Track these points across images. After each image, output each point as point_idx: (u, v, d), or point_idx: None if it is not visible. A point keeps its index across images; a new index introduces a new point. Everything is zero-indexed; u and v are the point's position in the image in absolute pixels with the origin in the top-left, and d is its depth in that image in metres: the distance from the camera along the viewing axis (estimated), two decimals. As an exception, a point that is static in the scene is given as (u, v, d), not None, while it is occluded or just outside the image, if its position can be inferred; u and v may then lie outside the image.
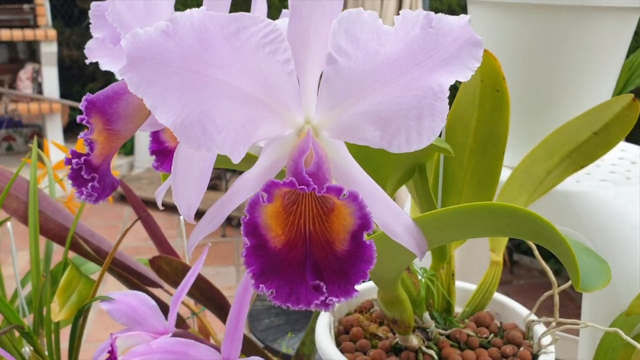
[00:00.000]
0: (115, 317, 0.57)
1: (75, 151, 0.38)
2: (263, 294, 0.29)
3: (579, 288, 0.32)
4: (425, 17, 0.30)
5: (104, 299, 0.58)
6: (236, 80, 0.30)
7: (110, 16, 0.32)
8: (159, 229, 0.83)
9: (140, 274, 0.74)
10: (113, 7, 0.32)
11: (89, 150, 0.36)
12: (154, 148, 0.45)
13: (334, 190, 0.29)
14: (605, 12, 0.68)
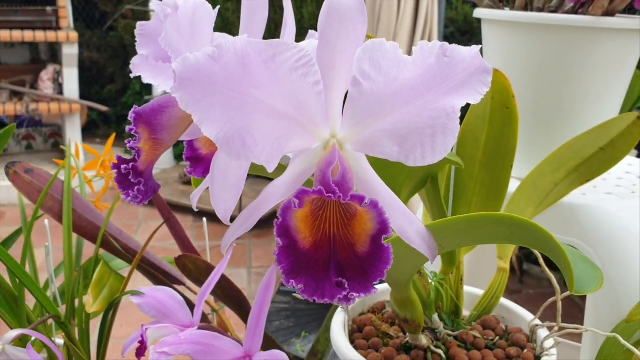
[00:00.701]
0: (144, 310, 0.61)
1: (121, 157, 0.42)
2: (293, 288, 0.33)
3: (573, 291, 0.36)
4: (440, 47, 0.34)
5: (135, 293, 0.62)
6: (272, 99, 0.34)
7: (162, 41, 0.36)
8: (182, 230, 0.87)
9: (164, 272, 0.79)
10: (165, 32, 0.36)
11: (136, 157, 0.40)
12: (188, 155, 0.50)
13: (357, 199, 0.33)
14: (613, 33, 0.71)
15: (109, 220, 0.75)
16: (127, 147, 0.42)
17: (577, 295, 1.20)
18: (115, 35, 4.02)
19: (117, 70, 4.15)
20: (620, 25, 0.71)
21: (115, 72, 4.17)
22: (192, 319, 0.61)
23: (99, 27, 4.17)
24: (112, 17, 4.00)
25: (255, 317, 0.57)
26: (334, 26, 0.38)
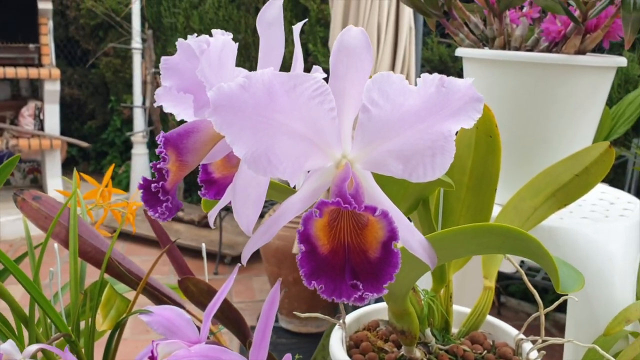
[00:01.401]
0: (153, 327, 0.64)
1: (147, 178, 0.46)
2: (314, 288, 0.38)
3: (559, 290, 0.40)
4: (439, 79, 0.39)
5: (144, 312, 0.65)
6: (293, 123, 0.39)
7: (198, 72, 0.40)
8: (180, 255, 0.90)
9: (166, 295, 0.82)
10: (201, 65, 0.41)
11: (165, 177, 0.44)
12: (202, 178, 0.54)
13: (370, 209, 0.38)
14: (585, 70, 0.78)
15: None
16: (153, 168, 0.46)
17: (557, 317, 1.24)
18: (97, 73, 4.06)
19: (97, 107, 4.19)
20: (591, 63, 0.78)
21: (95, 109, 4.20)
22: (198, 335, 0.65)
23: (80, 65, 4.21)
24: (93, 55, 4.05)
25: (260, 332, 0.61)
26: (344, 61, 0.43)
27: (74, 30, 4.07)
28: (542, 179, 0.75)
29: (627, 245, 0.82)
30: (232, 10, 3.45)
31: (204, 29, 3.53)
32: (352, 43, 0.43)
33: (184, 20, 3.58)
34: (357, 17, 2.31)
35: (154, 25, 3.76)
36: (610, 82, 0.84)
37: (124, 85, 3.95)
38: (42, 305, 0.64)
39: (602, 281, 0.77)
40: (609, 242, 0.79)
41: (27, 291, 0.64)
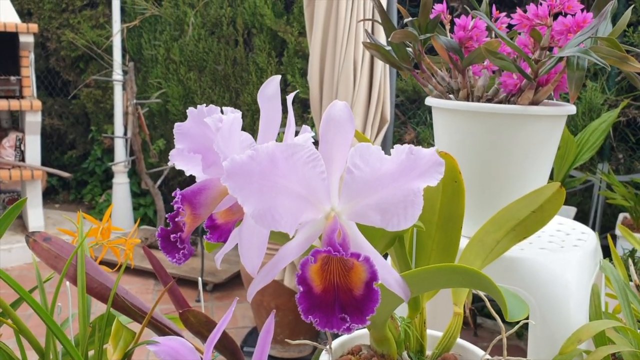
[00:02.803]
0: (160, 356, 0.72)
1: (164, 229, 0.55)
2: (310, 322, 0.46)
3: (507, 318, 0.49)
4: (409, 148, 0.49)
5: (151, 343, 0.72)
6: (291, 185, 0.48)
7: (216, 147, 0.49)
8: (178, 289, 0.97)
9: (166, 325, 0.89)
10: (217, 141, 0.49)
11: (182, 228, 0.52)
12: (207, 224, 0.62)
13: (355, 255, 0.47)
14: (538, 118, 0.89)
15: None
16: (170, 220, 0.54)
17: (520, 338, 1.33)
18: (78, 103, 4.12)
19: (78, 137, 4.23)
20: (543, 112, 0.88)
21: (76, 139, 4.24)
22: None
23: (60, 95, 4.26)
24: (74, 85, 4.10)
25: (258, 354, 0.68)
26: (331, 130, 0.52)
27: (54, 62, 4.12)
28: (503, 215, 0.84)
29: (581, 273, 0.92)
30: (212, 43, 3.55)
31: (185, 61, 3.63)
32: (337, 115, 0.52)
33: (165, 52, 3.67)
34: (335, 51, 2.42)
35: (135, 56, 3.84)
36: (562, 128, 0.94)
37: (105, 116, 4.01)
38: (60, 337, 0.71)
39: (558, 306, 0.86)
40: (564, 270, 0.89)
41: (47, 324, 0.71)
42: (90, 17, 3.93)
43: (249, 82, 3.48)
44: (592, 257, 0.97)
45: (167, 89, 3.67)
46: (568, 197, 3.02)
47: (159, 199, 3.38)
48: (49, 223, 3.80)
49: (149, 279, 3.30)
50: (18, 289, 0.77)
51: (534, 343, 0.89)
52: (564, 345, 0.79)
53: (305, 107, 3.39)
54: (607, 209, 2.93)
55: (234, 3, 3.51)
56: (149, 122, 3.78)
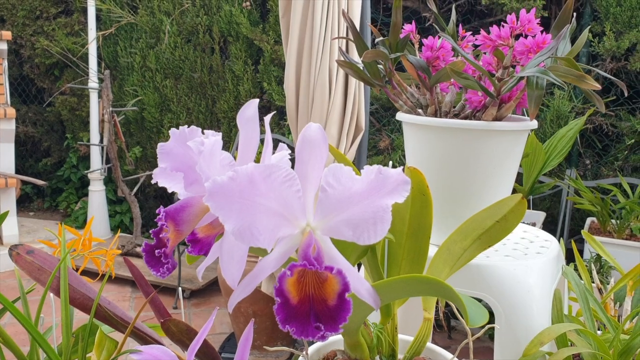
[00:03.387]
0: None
1: (148, 244, 0.58)
2: (287, 331, 0.50)
3: (468, 324, 0.54)
4: (378, 169, 0.53)
5: (134, 352, 0.75)
6: (269, 203, 0.52)
7: (198, 169, 0.53)
8: (159, 299, 1.00)
9: (147, 334, 0.92)
10: (199, 164, 0.53)
11: (166, 243, 0.56)
12: (189, 238, 0.65)
13: (329, 268, 0.50)
14: (503, 133, 0.94)
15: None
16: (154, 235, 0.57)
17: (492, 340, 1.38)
18: (52, 111, 4.09)
19: (53, 144, 4.20)
20: (505, 128, 0.93)
21: (51, 146, 4.21)
22: (183, 370, 0.75)
23: (34, 103, 4.23)
24: (48, 93, 4.08)
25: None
26: (306, 150, 0.56)
27: (28, 69, 4.09)
28: (469, 225, 0.89)
29: (543, 279, 0.97)
30: (189, 51, 3.57)
31: (161, 69, 3.63)
32: (312, 136, 0.56)
33: (141, 60, 3.67)
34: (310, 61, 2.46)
35: (111, 64, 3.83)
36: (524, 141, 1.00)
37: (81, 123, 3.99)
38: (45, 347, 0.74)
39: (521, 310, 0.91)
40: (527, 276, 0.94)
41: (31, 335, 0.74)
42: (65, 25, 3.91)
43: (225, 89, 3.50)
44: (554, 263, 1.03)
45: (143, 97, 3.67)
46: (537, 202, 3.10)
47: (135, 206, 3.38)
48: (23, 231, 3.77)
49: (125, 286, 3.30)
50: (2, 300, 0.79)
51: (500, 346, 0.94)
52: (527, 348, 0.84)
53: (282, 115, 3.42)
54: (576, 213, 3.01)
55: (210, 11, 3.53)
56: (125, 129, 3.78)
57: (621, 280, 1.25)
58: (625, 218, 2.58)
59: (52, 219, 4.13)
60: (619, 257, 2.51)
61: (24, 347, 0.86)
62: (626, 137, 2.82)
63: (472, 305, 0.59)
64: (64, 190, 4.20)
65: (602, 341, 0.91)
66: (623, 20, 2.76)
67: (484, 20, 3.16)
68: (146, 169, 3.82)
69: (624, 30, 2.76)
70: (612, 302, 1.38)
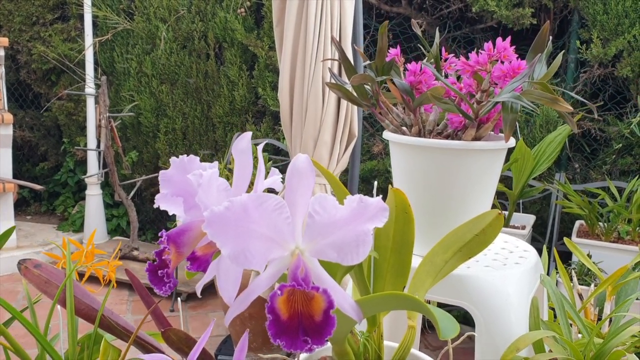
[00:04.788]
0: (146, 372, 0.80)
1: (152, 264, 0.64)
2: (277, 345, 0.55)
3: (440, 337, 0.59)
4: (359, 198, 0.59)
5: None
6: (261, 229, 0.58)
7: (197, 199, 0.58)
8: (159, 309, 1.06)
9: (149, 342, 0.97)
10: (199, 195, 0.59)
11: (168, 264, 0.61)
12: (189, 256, 0.71)
13: (315, 288, 0.56)
14: (482, 152, 1.00)
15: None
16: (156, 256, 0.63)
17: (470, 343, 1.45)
18: (49, 116, 4.13)
19: (50, 149, 4.24)
20: (484, 147, 0.99)
21: (48, 151, 4.25)
22: (183, 377, 0.81)
23: (31, 107, 4.27)
24: (45, 98, 4.12)
25: (234, 371, 0.78)
26: (295, 179, 0.62)
27: (25, 74, 4.13)
28: (450, 238, 0.95)
29: (521, 287, 1.03)
30: (184, 56, 3.62)
31: (157, 74, 3.69)
32: (300, 166, 0.62)
33: (137, 66, 3.72)
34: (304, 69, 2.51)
35: (107, 70, 3.88)
36: (502, 159, 1.06)
37: (77, 128, 4.04)
38: (53, 356, 0.79)
39: (500, 317, 0.97)
40: (506, 285, 1.00)
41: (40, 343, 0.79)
42: (62, 31, 3.96)
43: (221, 94, 3.55)
44: (532, 273, 1.09)
45: (140, 102, 3.72)
46: (527, 206, 3.16)
47: (132, 210, 3.43)
48: (21, 235, 3.81)
49: (122, 290, 3.35)
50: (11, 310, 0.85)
51: (480, 352, 1.00)
52: (504, 354, 0.90)
53: (276, 120, 3.48)
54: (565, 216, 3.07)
55: (205, 18, 3.58)
56: (121, 134, 3.82)
57: (601, 285, 1.31)
58: (612, 221, 2.65)
59: (50, 223, 4.18)
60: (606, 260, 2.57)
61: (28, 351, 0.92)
62: (614, 141, 2.88)
63: (444, 318, 0.65)
64: (61, 194, 4.25)
65: (575, 346, 0.97)
66: (610, 27, 2.83)
67: (474, 27, 3.22)
68: (142, 173, 3.88)
69: (610, 38, 2.83)
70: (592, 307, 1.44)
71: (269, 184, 0.70)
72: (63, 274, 0.95)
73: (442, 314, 0.65)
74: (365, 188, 3.16)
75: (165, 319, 1.06)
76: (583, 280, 2.41)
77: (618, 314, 1.09)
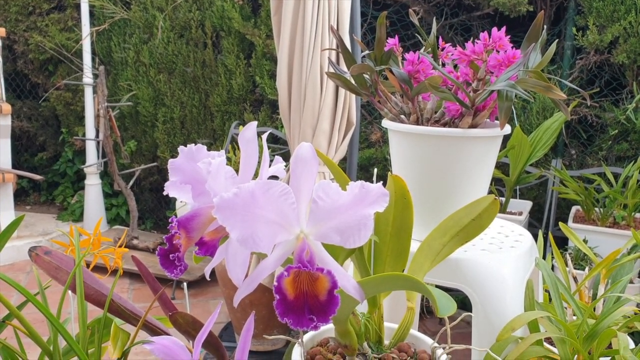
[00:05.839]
0: (155, 353, 0.83)
1: (163, 249, 0.66)
2: (285, 322, 0.58)
3: (438, 314, 0.63)
4: (361, 184, 0.61)
5: (147, 342, 0.84)
6: (268, 214, 0.60)
7: (207, 186, 0.61)
8: (165, 294, 1.09)
9: (156, 326, 1.00)
10: (209, 182, 0.61)
11: (179, 249, 0.64)
12: (197, 242, 0.74)
13: (319, 269, 0.59)
14: (478, 139, 1.03)
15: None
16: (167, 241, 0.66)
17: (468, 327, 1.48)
18: (47, 106, 4.14)
19: (48, 139, 4.26)
20: (481, 134, 1.02)
21: (46, 141, 4.26)
22: (191, 357, 0.84)
23: (29, 98, 4.28)
24: (43, 88, 4.13)
25: (240, 350, 0.81)
26: (300, 167, 0.65)
27: (22, 64, 4.14)
28: (447, 223, 0.98)
29: (516, 270, 1.06)
30: (182, 45, 3.63)
31: (154, 63, 3.69)
32: (304, 154, 0.65)
33: (134, 55, 3.73)
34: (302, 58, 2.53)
35: (105, 59, 3.89)
36: (498, 146, 1.09)
37: (76, 118, 4.05)
38: (65, 336, 0.82)
39: (496, 299, 1.01)
40: (501, 268, 1.04)
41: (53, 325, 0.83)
42: (59, 20, 3.96)
43: (219, 83, 3.57)
44: (527, 256, 1.12)
45: (138, 91, 3.74)
46: (524, 192, 3.20)
47: (131, 199, 3.46)
48: (21, 225, 3.83)
49: (124, 279, 3.38)
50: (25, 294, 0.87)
51: (477, 332, 1.04)
52: (499, 334, 0.94)
53: (274, 108, 3.50)
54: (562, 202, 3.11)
55: (202, 7, 3.59)
56: (120, 123, 3.84)
57: (594, 268, 1.35)
58: (608, 206, 2.68)
59: (49, 213, 4.20)
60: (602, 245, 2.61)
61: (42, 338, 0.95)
62: (610, 127, 2.91)
63: (442, 297, 0.68)
64: (60, 184, 4.27)
65: (569, 327, 1.01)
66: (606, 14, 2.85)
67: (471, 14, 3.23)
68: (141, 162, 3.89)
69: (606, 24, 2.85)
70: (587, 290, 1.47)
71: (273, 171, 0.73)
72: (72, 260, 0.97)
73: (440, 293, 0.68)
74: (363, 176, 3.19)
75: (172, 304, 1.09)
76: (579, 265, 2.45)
77: (611, 294, 1.13)
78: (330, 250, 0.66)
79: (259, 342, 2.47)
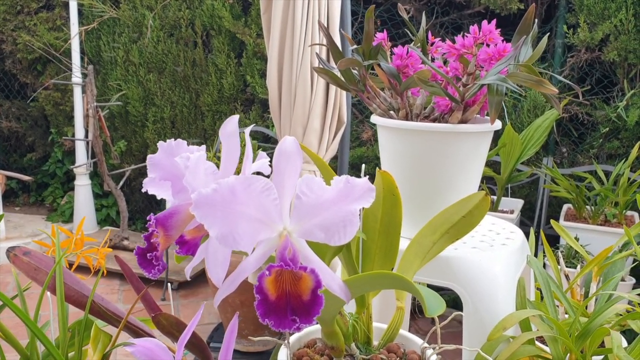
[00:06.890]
0: (137, 356, 0.81)
1: (141, 248, 0.64)
2: (266, 324, 0.56)
3: (427, 314, 0.60)
4: (346, 179, 0.59)
5: (128, 344, 0.81)
6: (249, 210, 0.58)
7: (185, 182, 0.59)
8: (149, 295, 1.06)
9: (139, 327, 0.98)
10: (187, 177, 0.59)
11: (157, 247, 0.62)
12: (178, 240, 0.71)
13: (303, 268, 0.57)
14: (468, 135, 1.01)
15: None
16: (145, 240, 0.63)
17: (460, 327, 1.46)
18: (36, 106, 4.10)
19: (37, 139, 4.21)
20: (470, 130, 1.00)
21: (35, 141, 4.22)
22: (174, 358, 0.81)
23: (18, 98, 4.23)
24: (32, 88, 4.09)
25: (224, 351, 0.78)
26: (283, 162, 0.62)
27: (10, 64, 4.09)
28: (437, 220, 0.96)
29: (508, 268, 1.04)
30: (171, 45, 3.60)
31: (144, 63, 3.66)
32: (287, 149, 0.62)
33: (124, 54, 3.70)
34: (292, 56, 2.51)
35: (94, 59, 3.85)
36: (489, 142, 1.07)
37: (65, 118, 4.01)
38: (43, 341, 0.79)
39: (487, 297, 0.99)
40: (492, 266, 1.02)
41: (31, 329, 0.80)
42: (47, 20, 3.91)
43: (209, 83, 3.54)
44: (518, 254, 1.10)
45: (127, 91, 3.70)
46: (516, 190, 3.19)
47: (121, 200, 3.42)
48: (10, 226, 3.79)
49: (114, 279, 3.35)
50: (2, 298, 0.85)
51: (468, 331, 1.02)
52: (491, 333, 0.92)
53: (265, 107, 3.47)
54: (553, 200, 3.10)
55: (192, 5, 3.56)
56: (109, 123, 3.80)
57: (586, 266, 1.33)
58: (599, 204, 2.67)
59: (39, 214, 4.15)
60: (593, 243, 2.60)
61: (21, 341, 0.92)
62: (601, 125, 2.91)
63: (430, 297, 0.66)
64: (49, 184, 4.22)
65: (562, 325, 0.99)
66: (596, 12, 2.84)
67: (462, 12, 3.22)
68: (131, 162, 3.86)
69: (597, 22, 2.84)
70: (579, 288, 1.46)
71: (257, 167, 0.71)
72: (52, 261, 0.95)
73: (429, 292, 0.66)
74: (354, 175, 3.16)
75: (156, 305, 1.06)
76: (571, 263, 2.44)
77: (603, 292, 1.11)
78: (317, 248, 0.64)
79: (249, 343, 2.45)
